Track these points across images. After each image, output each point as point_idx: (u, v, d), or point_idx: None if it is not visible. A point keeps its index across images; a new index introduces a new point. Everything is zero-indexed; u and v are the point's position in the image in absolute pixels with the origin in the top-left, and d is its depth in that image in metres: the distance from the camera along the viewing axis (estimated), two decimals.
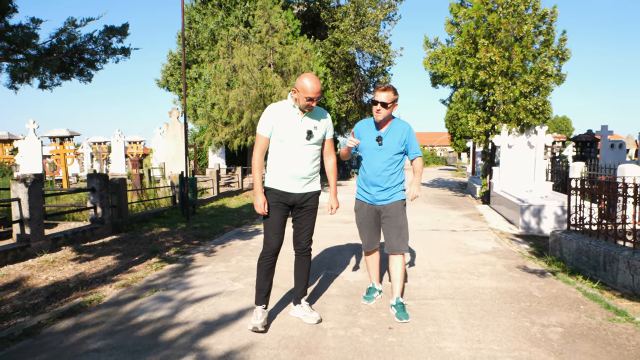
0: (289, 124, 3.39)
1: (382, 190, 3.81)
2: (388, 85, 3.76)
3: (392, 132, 3.80)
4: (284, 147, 3.41)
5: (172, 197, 10.11)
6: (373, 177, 3.82)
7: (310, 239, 3.65)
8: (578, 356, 3.01)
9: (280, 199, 3.46)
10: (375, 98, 3.71)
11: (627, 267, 4.72)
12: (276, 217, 3.47)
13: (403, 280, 3.97)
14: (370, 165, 3.83)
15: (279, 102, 3.56)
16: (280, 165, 3.43)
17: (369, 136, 3.83)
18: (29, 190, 5.66)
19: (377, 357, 2.99)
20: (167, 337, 3.32)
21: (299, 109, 3.39)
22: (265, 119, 3.43)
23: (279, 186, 3.45)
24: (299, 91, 3.30)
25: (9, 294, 4.35)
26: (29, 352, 3.06)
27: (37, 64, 4.06)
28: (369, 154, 3.83)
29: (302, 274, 3.67)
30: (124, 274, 5.04)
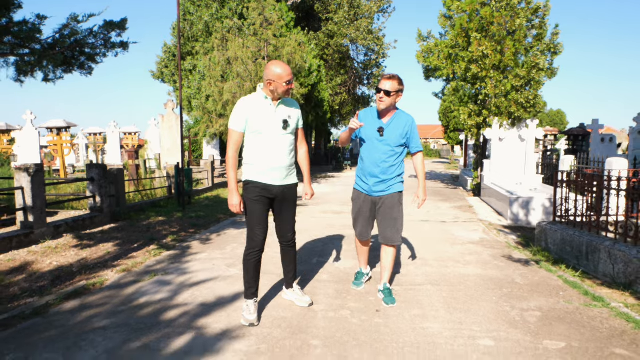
0: (264, 115, 3.35)
1: (380, 181, 3.81)
2: (394, 74, 3.71)
3: (395, 124, 3.76)
4: (261, 139, 3.37)
5: (168, 187, 10.28)
6: (372, 168, 3.80)
7: (294, 230, 3.68)
8: (553, 337, 3.24)
9: (262, 193, 3.41)
10: (380, 86, 3.67)
11: (608, 257, 4.95)
12: (259, 211, 3.41)
13: (392, 268, 4.08)
14: (370, 155, 3.80)
15: (249, 95, 3.51)
16: (259, 157, 3.38)
17: (371, 125, 3.77)
18: (32, 179, 5.82)
19: (365, 336, 3.20)
20: (167, 317, 3.51)
21: (271, 99, 3.37)
22: (238, 113, 3.36)
23: (260, 179, 3.40)
24: (275, 80, 3.27)
25: (16, 277, 4.53)
26: (40, 329, 3.25)
27: (41, 58, 4.20)
28: (369, 144, 3.80)
29: (291, 262, 3.77)
30: (124, 260, 5.23)
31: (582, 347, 3.07)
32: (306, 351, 2.94)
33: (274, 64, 3.32)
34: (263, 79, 3.39)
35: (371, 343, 3.08)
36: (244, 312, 3.41)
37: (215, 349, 2.95)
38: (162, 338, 3.12)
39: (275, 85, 3.29)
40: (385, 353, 2.93)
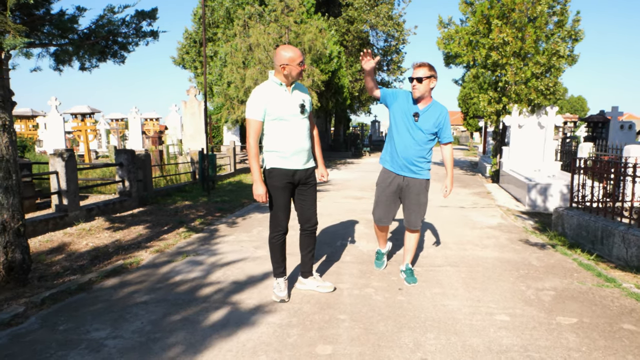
0: (282, 102, 3.41)
1: (411, 163, 3.88)
2: (424, 62, 3.80)
3: (430, 112, 3.82)
4: (282, 125, 3.43)
5: (192, 172, 10.58)
6: (403, 151, 3.87)
7: (316, 213, 3.75)
8: (565, 313, 3.41)
9: (287, 179, 3.48)
10: (412, 75, 3.77)
11: (622, 241, 5.06)
12: (285, 198, 3.51)
13: (415, 250, 4.27)
14: (403, 138, 3.86)
15: (263, 84, 3.53)
16: (283, 143, 3.44)
17: (407, 109, 3.84)
18: (65, 164, 6.14)
19: (388, 311, 3.42)
20: (202, 293, 3.78)
21: (286, 85, 3.44)
22: (257, 102, 3.39)
23: (286, 165, 3.46)
24: (289, 63, 3.33)
25: (56, 256, 4.85)
26: (86, 302, 3.54)
27: (78, 48, 4.45)
28: (402, 127, 3.85)
29: (311, 248, 3.78)
30: (156, 242, 5.52)
31: (593, 322, 3.24)
32: (335, 324, 3.17)
33: (283, 49, 3.38)
34: (275, 65, 3.44)
35: (395, 317, 3.30)
36: (275, 289, 3.64)
37: (250, 322, 3.20)
38: (200, 312, 3.38)
39: (290, 68, 3.35)
40: (408, 326, 3.15)
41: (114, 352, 2.73)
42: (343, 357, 2.71)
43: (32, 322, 3.16)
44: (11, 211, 3.58)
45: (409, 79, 3.81)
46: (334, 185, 11.19)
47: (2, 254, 3.58)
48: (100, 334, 2.98)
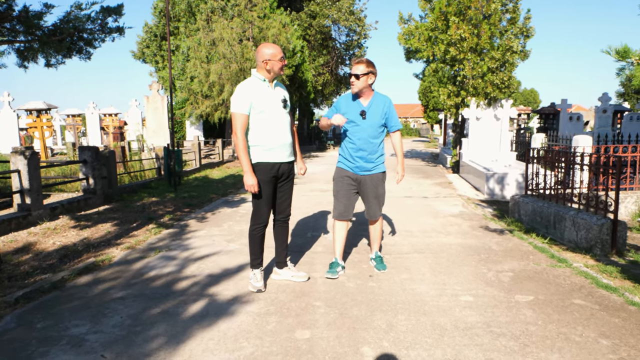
0: (266, 97, 3.56)
1: (366, 161, 4.01)
2: (361, 58, 3.96)
3: (375, 106, 3.96)
4: (266, 118, 3.55)
5: (157, 168, 10.45)
6: (358, 149, 3.98)
7: (291, 206, 3.93)
8: (523, 292, 3.69)
9: (272, 173, 3.61)
10: (351, 72, 3.92)
11: (573, 225, 5.45)
12: (269, 192, 3.65)
13: (380, 238, 4.50)
14: (355, 137, 3.97)
15: (246, 80, 3.67)
16: (268, 136, 3.56)
17: (353, 110, 3.97)
18: (28, 162, 5.99)
19: (361, 297, 3.60)
20: (179, 287, 3.84)
21: (268, 81, 3.59)
22: (242, 97, 3.50)
23: (270, 158, 3.59)
24: (271, 59, 3.51)
25: (23, 256, 4.77)
26: (61, 301, 3.54)
27: (44, 45, 4.38)
28: (354, 127, 3.97)
29: (285, 239, 3.94)
30: (126, 238, 5.50)
31: (547, 299, 3.53)
32: (311, 310, 3.32)
33: (264, 46, 3.57)
34: (257, 62, 3.59)
35: (367, 302, 3.48)
36: (252, 280, 3.75)
37: (230, 312, 3.31)
38: (178, 304, 3.45)
39: (272, 63, 3.52)
40: (381, 309, 3.34)
41: (96, 346, 2.78)
42: (321, 340, 2.87)
43: (8, 321, 3.15)
44: None
45: (348, 75, 4.01)
46: (300, 178, 11.33)
47: None
48: (80, 329, 3.01)
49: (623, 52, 2.76)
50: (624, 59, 2.79)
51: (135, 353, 2.69)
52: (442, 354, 2.69)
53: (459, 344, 2.82)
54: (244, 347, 2.78)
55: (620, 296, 3.61)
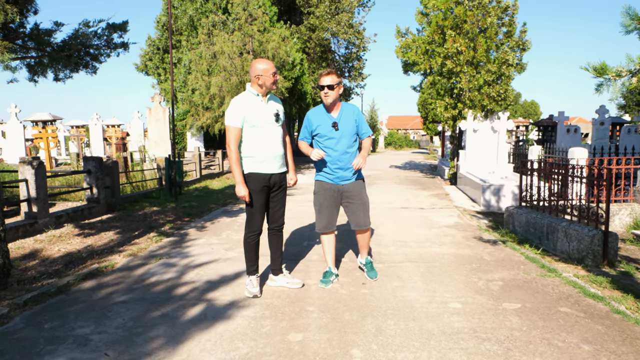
0: (258, 111, 3.70)
1: (345, 169, 4.04)
2: (330, 70, 4.01)
3: (345, 116, 4.02)
4: (259, 132, 3.70)
5: (158, 179, 10.63)
6: (336, 160, 4.02)
7: (284, 215, 4.06)
8: (511, 300, 3.83)
9: (264, 182, 3.76)
10: (321, 83, 3.96)
11: (565, 236, 5.59)
12: (261, 201, 3.79)
13: (369, 245, 4.48)
14: (332, 149, 4.01)
15: (241, 94, 3.83)
16: (259, 149, 3.72)
17: (324, 123, 4.02)
18: (35, 172, 6.17)
19: (353, 303, 3.74)
20: (179, 292, 3.99)
21: (262, 96, 3.74)
22: (236, 111, 3.66)
23: (262, 169, 3.75)
24: (263, 74, 3.65)
25: (29, 262, 4.92)
26: (67, 303, 3.69)
27: (53, 60, 4.58)
28: (328, 139, 4.02)
29: (279, 247, 4.08)
30: (128, 246, 5.65)
31: (534, 307, 3.67)
32: (304, 315, 3.47)
33: (257, 62, 3.73)
34: (250, 77, 3.76)
35: (359, 308, 3.62)
36: (248, 286, 3.89)
37: (227, 316, 3.45)
38: (178, 308, 3.60)
39: (264, 78, 3.67)
40: (372, 315, 3.48)
41: (100, 345, 2.92)
42: (312, 342, 3.01)
43: (17, 322, 3.30)
44: None
45: (319, 87, 4.02)
46: (298, 189, 11.49)
47: None
48: (85, 330, 3.16)
49: (600, 69, 2.94)
50: (601, 75, 2.96)
51: (137, 352, 2.84)
52: (427, 356, 2.83)
53: (445, 347, 2.96)
54: (239, 347, 2.92)
55: (606, 305, 3.74)
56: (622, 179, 7.66)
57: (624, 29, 3.33)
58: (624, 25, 3.32)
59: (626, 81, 2.81)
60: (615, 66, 2.88)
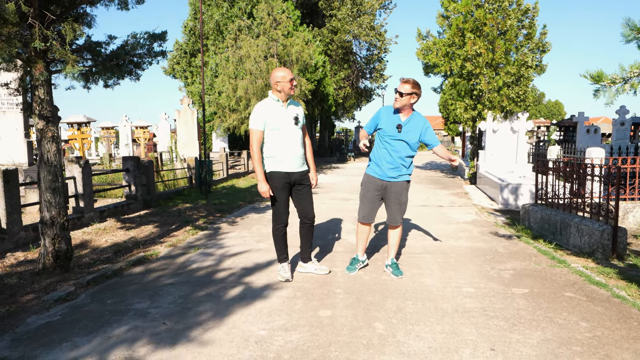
0: (279, 115, 4.07)
1: (394, 168, 4.28)
2: (409, 79, 4.17)
3: (412, 124, 4.23)
4: (279, 134, 4.06)
5: (188, 177, 11.21)
6: (388, 158, 4.26)
7: (314, 209, 4.39)
8: (520, 286, 4.19)
9: (285, 179, 4.11)
10: (397, 88, 4.18)
11: (577, 231, 5.89)
12: (284, 197, 4.15)
13: (398, 246, 4.65)
14: (388, 147, 4.26)
15: (263, 100, 4.20)
16: (280, 149, 4.07)
17: (391, 122, 4.24)
18: (82, 170, 6.75)
19: (375, 287, 4.15)
20: (218, 276, 4.46)
21: (282, 101, 4.10)
22: (258, 115, 4.04)
23: (283, 168, 4.10)
24: (281, 81, 4.02)
25: (82, 251, 5.48)
26: (122, 284, 4.20)
27: (105, 69, 5.11)
28: (388, 137, 4.25)
29: (309, 238, 4.43)
30: (167, 238, 6.17)
31: (541, 292, 4.02)
32: (332, 296, 3.90)
33: (276, 70, 4.10)
34: (271, 83, 4.13)
35: (381, 291, 4.03)
36: (280, 271, 4.34)
37: (263, 295, 3.90)
38: (220, 289, 4.07)
39: (282, 85, 4.04)
40: (392, 297, 3.88)
41: (157, 317, 3.41)
42: (340, 317, 3.44)
43: (83, 298, 3.82)
44: (58, 208, 4.23)
45: (395, 90, 4.24)
46: (322, 188, 11.93)
47: (51, 244, 4.22)
48: (142, 305, 3.65)
49: (597, 77, 3.28)
50: (598, 82, 3.30)
51: (190, 322, 3.31)
52: (441, 329, 3.23)
53: (457, 322, 3.35)
54: (276, 320, 3.37)
55: (608, 291, 4.06)
56: (637, 178, 7.86)
57: (625, 39, 3.67)
58: (624, 35, 3.65)
59: (620, 87, 3.16)
60: (610, 74, 3.23)
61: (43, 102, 4.15)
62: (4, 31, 3.51)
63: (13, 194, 5.37)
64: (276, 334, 3.13)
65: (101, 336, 3.08)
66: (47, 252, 4.26)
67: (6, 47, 3.43)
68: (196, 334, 3.12)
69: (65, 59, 3.87)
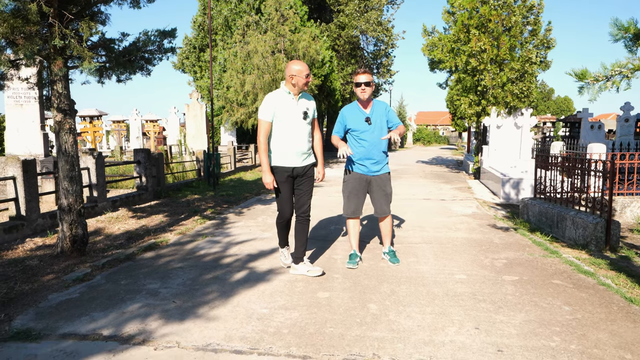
0: (288, 108, 3.99)
1: (375, 162, 4.48)
2: (365, 69, 4.37)
3: (377, 111, 4.43)
4: (285, 128, 4.00)
5: (197, 170, 11.50)
6: (368, 152, 4.42)
7: (310, 204, 4.29)
8: (510, 274, 4.40)
9: (288, 173, 4.08)
10: (359, 80, 4.33)
11: (572, 224, 6.07)
12: (287, 190, 4.13)
13: (391, 234, 4.85)
14: (365, 142, 4.42)
15: (274, 91, 4.12)
16: (285, 144, 4.03)
17: (358, 118, 4.42)
18: (96, 161, 7.04)
19: (372, 272, 4.39)
20: (224, 262, 4.72)
21: (293, 94, 4.02)
22: (268, 106, 3.97)
23: (287, 163, 4.07)
24: (296, 75, 3.94)
25: (96, 237, 5.77)
26: (135, 267, 4.48)
27: (118, 65, 5.37)
28: (361, 133, 4.43)
29: (303, 236, 4.29)
30: (176, 226, 6.45)
31: (530, 279, 4.23)
32: (330, 280, 4.14)
33: (294, 63, 4.02)
34: (285, 75, 4.04)
35: (377, 276, 4.27)
36: (282, 257, 4.56)
37: (266, 279, 4.16)
38: (225, 273, 4.33)
39: (297, 79, 3.97)
40: (387, 281, 4.12)
41: (168, 296, 3.68)
42: (337, 298, 3.68)
43: (99, 279, 4.10)
44: (75, 196, 4.51)
45: (356, 84, 4.40)
46: (327, 181, 12.16)
47: (68, 229, 4.51)
48: (154, 285, 3.92)
49: (581, 74, 3.47)
50: (582, 80, 3.49)
51: (198, 301, 3.57)
52: (431, 310, 3.46)
53: (446, 305, 3.58)
54: (277, 300, 3.62)
55: (595, 279, 4.26)
56: (635, 173, 8.01)
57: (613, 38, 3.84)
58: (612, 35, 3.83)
59: (602, 85, 3.35)
60: (594, 72, 3.41)
61: (61, 96, 4.42)
62: (26, 30, 3.77)
63: (32, 183, 5.66)
64: (277, 312, 3.38)
65: (116, 312, 3.35)
66: (64, 237, 4.55)
67: (28, 45, 3.69)
68: (203, 311, 3.38)
69: (82, 55, 4.13)
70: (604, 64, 3.23)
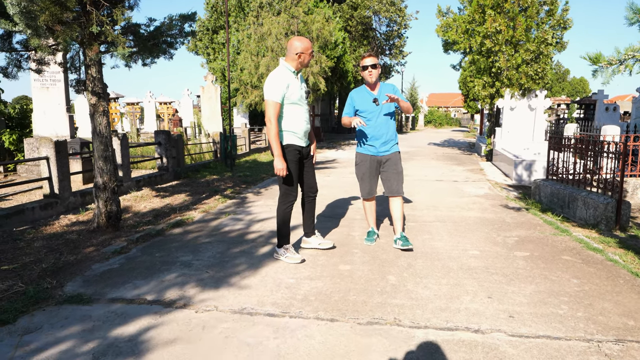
0: (296, 88, 3.89)
1: (384, 142, 4.55)
2: (370, 52, 4.45)
3: (384, 92, 4.46)
4: (295, 108, 3.93)
5: (214, 151, 11.77)
6: (377, 133, 4.51)
7: (317, 183, 4.38)
8: (522, 250, 4.61)
9: (299, 155, 4.05)
10: (366, 64, 4.41)
11: (583, 204, 6.24)
12: (298, 170, 4.08)
13: (403, 218, 4.80)
14: (373, 123, 4.50)
15: (278, 70, 3.92)
16: (296, 123, 3.96)
17: (366, 100, 4.51)
18: (121, 143, 7.32)
19: (389, 248, 4.63)
20: (249, 237, 4.99)
21: (295, 73, 3.92)
22: (279, 86, 3.77)
23: (298, 142, 4.02)
24: (304, 52, 3.84)
25: (125, 215, 6.07)
26: (166, 242, 4.77)
27: (145, 49, 5.59)
28: (369, 114, 4.51)
29: (312, 212, 4.39)
30: (199, 205, 6.74)
31: (541, 255, 4.44)
32: (350, 254, 4.39)
33: (298, 40, 3.89)
34: (289, 53, 3.89)
35: (394, 251, 4.51)
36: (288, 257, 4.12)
37: None
38: (251, 247, 4.60)
39: (304, 56, 3.89)
40: (404, 256, 4.36)
41: (201, 267, 3.96)
42: (358, 271, 3.93)
43: (135, 251, 4.40)
44: (109, 175, 4.78)
45: (363, 68, 4.47)
46: (340, 163, 12.39)
47: (104, 206, 4.80)
48: (187, 258, 4.21)
49: (595, 58, 3.61)
50: (596, 64, 3.63)
51: (229, 272, 3.85)
52: (446, 282, 3.70)
53: (461, 277, 3.81)
54: (302, 272, 3.88)
55: (603, 255, 4.46)
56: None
57: (628, 22, 3.97)
58: (627, 19, 3.96)
59: (615, 69, 3.49)
60: (608, 56, 3.56)
61: (95, 80, 4.67)
62: (64, 17, 3.99)
63: (63, 163, 5.96)
64: (303, 282, 3.65)
65: (156, 280, 3.64)
66: (100, 213, 4.84)
67: (68, 32, 3.92)
68: (235, 281, 3.65)
69: (116, 41, 4.36)
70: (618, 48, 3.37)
